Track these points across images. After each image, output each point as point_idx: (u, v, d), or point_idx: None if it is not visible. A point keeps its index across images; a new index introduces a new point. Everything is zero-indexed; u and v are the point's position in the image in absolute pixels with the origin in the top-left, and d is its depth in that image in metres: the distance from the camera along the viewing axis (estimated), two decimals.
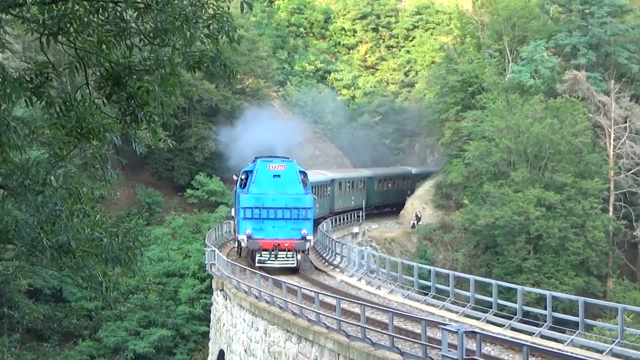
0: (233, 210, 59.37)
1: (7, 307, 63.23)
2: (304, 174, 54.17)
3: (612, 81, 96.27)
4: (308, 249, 51.07)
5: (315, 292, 36.31)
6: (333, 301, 34.57)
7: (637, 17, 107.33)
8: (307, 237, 40.20)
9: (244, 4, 15.20)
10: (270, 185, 38.59)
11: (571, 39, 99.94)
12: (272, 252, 37.12)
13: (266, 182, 38.31)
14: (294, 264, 38.77)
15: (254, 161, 48.61)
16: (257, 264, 37.89)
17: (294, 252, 39.47)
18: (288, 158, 50.00)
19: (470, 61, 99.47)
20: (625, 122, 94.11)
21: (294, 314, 36.37)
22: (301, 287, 37.82)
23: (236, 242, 52.43)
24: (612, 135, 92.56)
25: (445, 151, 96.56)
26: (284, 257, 37.87)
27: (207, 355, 58.92)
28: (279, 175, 38.69)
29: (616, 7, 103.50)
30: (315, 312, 34.20)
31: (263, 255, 38.23)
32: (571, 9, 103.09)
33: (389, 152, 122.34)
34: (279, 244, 37.60)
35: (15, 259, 21.03)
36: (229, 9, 13.51)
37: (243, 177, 48.51)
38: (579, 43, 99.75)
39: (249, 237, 37.26)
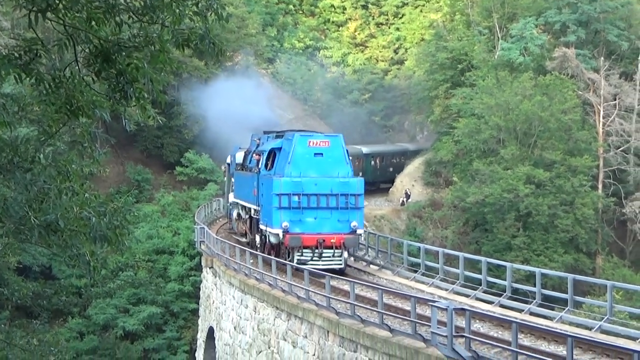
0: (227, 190, 54.94)
1: None
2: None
3: (602, 58, 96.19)
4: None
5: (304, 269, 36.33)
6: (322, 279, 34.54)
7: None
8: (358, 231, 33.28)
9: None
10: (311, 167, 30.63)
11: (561, 16, 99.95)
12: (316, 250, 30.78)
13: (306, 162, 30.41)
14: (341, 264, 32.18)
15: (282, 136, 39.73)
16: (295, 264, 31.45)
17: (342, 250, 32.05)
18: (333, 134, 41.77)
19: (460, 38, 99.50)
20: (615, 100, 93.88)
21: (283, 291, 36.38)
22: (291, 265, 37.81)
23: (257, 236, 41.29)
24: (602, 113, 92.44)
25: (435, 128, 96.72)
26: (329, 257, 31.45)
27: (197, 332, 58.96)
28: (322, 154, 30.72)
29: None
30: (305, 289, 34.24)
31: (304, 254, 31.29)
32: None
33: (379, 129, 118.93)
34: (324, 240, 30.49)
35: (4, 236, 21.07)
36: None
37: (266, 155, 39.48)
38: (568, 20, 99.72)
39: (286, 232, 30.02)
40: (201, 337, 55.80)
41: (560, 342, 24.06)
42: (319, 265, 30.49)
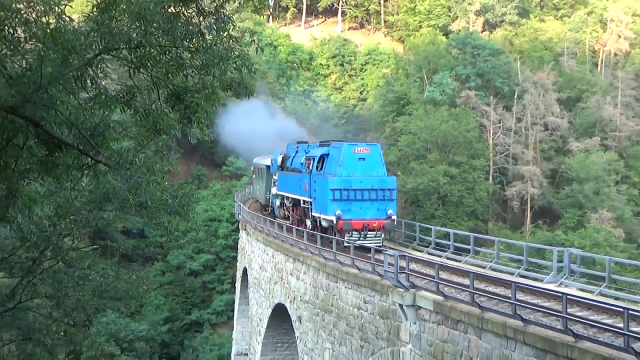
0: (267, 185, 48.13)
1: (109, 240, 63.14)
2: None
3: (491, 97, 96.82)
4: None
5: (303, 230, 36.43)
6: (314, 237, 34.58)
7: (507, 56, 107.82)
8: (393, 217, 32.04)
9: (258, 48, 15.31)
10: (356, 168, 29.76)
11: (465, 70, 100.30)
12: (362, 232, 29.53)
13: (352, 164, 29.53)
14: (379, 242, 30.46)
15: (327, 145, 36.15)
16: (345, 244, 29.42)
17: (381, 232, 31.13)
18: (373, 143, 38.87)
19: (402, 84, 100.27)
20: (499, 123, 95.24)
21: (290, 244, 36.38)
22: (295, 227, 37.91)
23: (308, 220, 37.24)
24: (491, 132, 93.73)
25: (386, 142, 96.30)
26: (372, 237, 30.15)
27: (236, 270, 58.49)
28: (364, 158, 30.05)
29: (493, 50, 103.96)
30: (305, 243, 34.25)
31: (353, 235, 29.84)
32: (465, 50, 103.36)
33: None
34: (368, 224, 29.63)
35: (114, 210, 21.00)
36: (248, 51, 13.53)
37: (317, 159, 35.37)
38: (470, 73, 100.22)
39: (339, 218, 29.00)
40: (239, 273, 55.57)
41: (465, 276, 24.01)
42: (364, 243, 27.88)
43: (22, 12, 11.79)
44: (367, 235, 29.06)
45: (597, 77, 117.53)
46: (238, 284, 55.08)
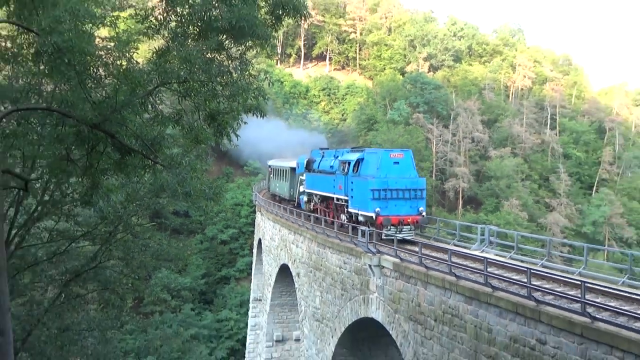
0: (292, 183, 42.41)
1: (163, 219, 62.66)
2: None
3: (434, 119, 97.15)
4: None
5: (301, 211, 36.47)
6: (309, 218, 34.57)
7: (445, 89, 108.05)
8: (423, 213, 28.67)
9: (269, 83, 15.36)
10: (392, 171, 26.97)
11: (416, 99, 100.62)
12: (398, 227, 26.52)
13: (389, 168, 26.82)
14: (412, 235, 27.68)
15: (360, 150, 31.29)
16: (384, 237, 26.15)
17: (414, 226, 27.66)
18: (406, 149, 32.60)
19: (371, 109, 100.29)
20: (440, 137, 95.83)
21: (292, 222, 36.33)
22: (294, 209, 37.91)
23: (343, 215, 31.89)
24: (434, 143, 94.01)
25: None
26: (407, 231, 27.25)
27: (253, 240, 58.38)
28: (398, 162, 27.32)
29: (436, 85, 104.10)
30: (302, 221, 34.22)
31: (391, 229, 26.57)
32: (416, 85, 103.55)
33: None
34: (403, 220, 26.65)
35: (167, 197, 20.96)
36: (262, 85, 13.51)
37: (353, 163, 30.28)
38: (419, 101, 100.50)
39: (378, 215, 25.80)
40: (255, 242, 55.42)
41: (416, 245, 24.12)
42: (398, 236, 24.96)
43: (103, 57, 11.78)
44: (402, 230, 26.06)
45: (509, 105, 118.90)
46: (255, 250, 55.00)
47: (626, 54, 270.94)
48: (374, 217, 25.17)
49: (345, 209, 28.59)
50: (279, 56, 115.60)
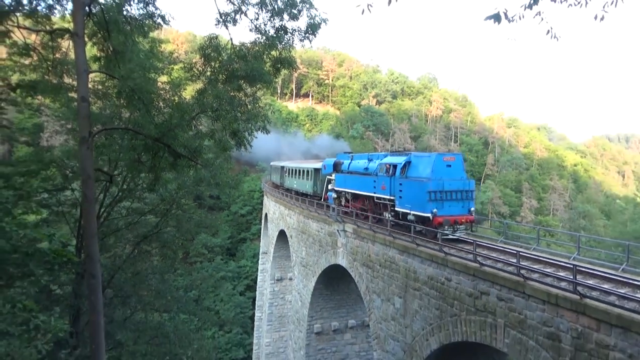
0: (317, 182, 34.84)
1: (202, 200, 61.80)
2: None
3: (379, 135, 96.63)
4: None
5: (293, 194, 36.44)
6: (304, 202, 34.46)
7: (386, 116, 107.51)
8: (473, 213, 21.66)
9: (271, 112, 15.27)
10: (445, 173, 20.87)
11: (367, 122, 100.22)
12: (454, 226, 20.31)
13: (442, 170, 20.82)
14: (463, 234, 20.81)
15: (405, 154, 23.42)
16: (439, 236, 18.48)
17: (467, 225, 21.04)
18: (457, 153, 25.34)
19: (339, 129, 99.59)
20: (383, 147, 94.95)
21: (288, 202, 36.20)
22: (291, 194, 37.85)
23: (386, 213, 23.35)
24: (379, 151, 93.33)
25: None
26: (460, 230, 20.72)
27: (262, 214, 58.36)
28: (450, 165, 21.20)
29: (380, 113, 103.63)
30: (294, 202, 34.08)
31: (446, 229, 20.11)
32: (367, 113, 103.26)
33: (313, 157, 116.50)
34: (457, 220, 20.31)
35: (204, 185, 20.78)
36: (267, 113, 13.44)
37: (401, 165, 22.83)
38: (369, 124, 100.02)
39: (434, 215, 19.65)
40: (263, 215, 55.24)
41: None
42: (455, 236, 19.53)
43: (162, 94, 11.71)
44: (458, 229, 20.14)
45: (427, 127, 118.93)
46: (263, 220, 54.82)
47: (503, 92, 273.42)
48: (430, 217, 19.39)
49: (390, 208, 22.33)
50: (279, 94, 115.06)
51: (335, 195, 28.89)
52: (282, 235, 39.82)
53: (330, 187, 30.11)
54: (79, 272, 15.10)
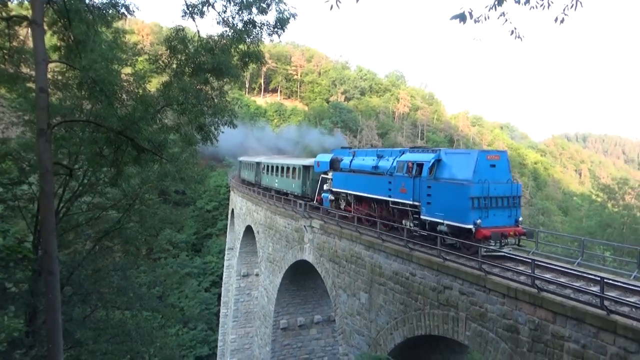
0: (299, 181, 30.30)
1: (167, 195, 60.63)
2: None
3: (348, 131, 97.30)
4: None
5: (259, 190, 36.32)
6: (271, 197, 34.34)
7: (354, 112, 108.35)
8: (521, 224, 17.11)
9: (239, 106, 15.11)
10: (489, 175, 16.13)
11: (336, 119, 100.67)
12: (502, 240, 15.78)
13: (485, 171, 16.00)
14: (510, 248, 16.45)
15: (432, 151, 18.48)
16: (484, 252, 14.44)
17: (515, 239, 15.97)
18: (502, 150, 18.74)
19: (307, 125, 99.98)
20: (351, 143, 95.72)
21: (254, 198, 35.99)
22: (256, 189, 37.66)
23: (406, 221, 18.66)
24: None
25: (298, 153, 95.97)
26: (510, 244, 16.48)
27: (229, 209, 57.83)
28: (495, 165, 16.40)
29: (349, 110, 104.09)
30: (261, 197, 33.91)
31: (493, 244, 15.77)
32: (336, 109, 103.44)
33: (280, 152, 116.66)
34: (506, 233, 15.60)
35: (170, 180, 20.39)
36: (235, 108, 13.29)
37: (429, 165, 17.70)
38: (338, 120, 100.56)
39: (478, 227, 15.11)
40: (229, 211, 54.75)
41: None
42: (502, 252, 15.27)
43: (125, 86, 11.45)
44: (506, 243, 15.80)
45: (395, 124, 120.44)
46: (229, 216, 54.35)
47: (468, 90, 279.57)
48: (472, 229, 15.11)
49: (412, 215, 17.92)
50: (247, 88, 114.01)
51: (333, 197, 24.85)
52: (248, 231, 39.57)
53: (325, 187, 25.88)
54: (35, 269, 14.61)
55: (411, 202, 17.82)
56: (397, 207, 18.94)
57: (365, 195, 21.36)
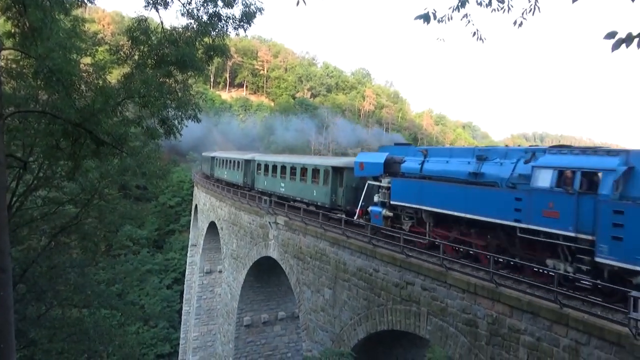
0: (328, 188, 22.81)
1: (128, 190, 59.05)
2: None
3: (314, 128, 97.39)
4: None
5: (224, 186, 35.82)
6: (228, 189, 34.01)
7: (320, 109, 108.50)
8: None
9: (203, 100, 14.86)
10: None
11: (302, 115, 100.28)
12: None
13: None
14: None
15: (614, 153, 11.07)
16: None
17: None
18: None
19: (273, 120, 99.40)
20: (317, 139, 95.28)
21: (219, 194, 35.55)
22: (221, 185, 37.22)
23: (556, 261, 11.65)
24: (313, 143, 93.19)
25: (264, 148, 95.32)
26: None
27: (192, 205, 56.89)
28: None
29: (314, 106, 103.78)
30: (225, 193, 33.57)
31: None
32: (301, 105, 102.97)
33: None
34: None
35: (130, 175, 19.91)
36: (199, 101, 13.07)
37: (620, 176, 10.40)
38: (304, 117, 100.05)
39: None
40: (193, 207, 53.87)
41: (299, 210, 24.07)
42: None
43: (84, 77, 11.11)
44: None
45: (360, 121, 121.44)
46: (193, 212, 53.52)
47: (432, 89, 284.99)
48: None
49: (569, 253, 11.60)
50: (212, 82, 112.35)
51: (390, 214, 17.84)
52: (212, 227, 39.09)
53: (376, 198, 18.81)
54: None
55: (571, 234, 11.33)
56: (536, 239, 12.21)
57: (458, 214, 14.64)
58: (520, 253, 13.01)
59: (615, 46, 3.90)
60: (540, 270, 12.06)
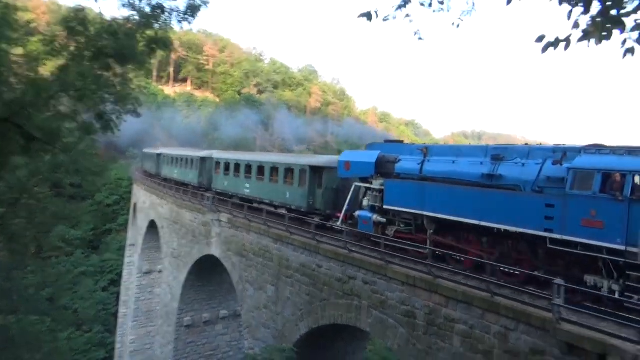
0: (305, 189, 20.35)
1: (61, 188, 56.19)
2: None
3: (260, 125, 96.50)
4: None
5: (162, 184, 34.96)
6: (171, 185, 33.24)
7: (266, 106, 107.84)
8: None
9: (145, 94, 14.50)
10: None
11: (249, 111, 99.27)
12: None
13: None
14: None
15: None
16: None
17: None
18: None
19: (218, 117, 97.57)
20: (262, 136, 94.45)
21: (159, 192, 34.69)
22: (160, 183, 36.27)
23: (592, 277, 10.19)
24: (258, 140, 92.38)
25: (208, 144, 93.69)
26: None
27: (131, 203, 55.00)
28: None
29: (261, 103, 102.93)
30: (167, 190, 32.81)
31: None
32: (248, 102, 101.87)
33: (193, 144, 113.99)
34: None
35: (63, 172, 19.11)
36: (139, 95, 12.80)
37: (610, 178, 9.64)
38: (250, 113, 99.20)
39: None
40: (132, 205, 52.21)
41: (242, 207, 24.00)
42: None
43: (14, 68, 10.65)
44: None
45: (306, 118, 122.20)
46: (131, 210, 51.91)
47: (377, 87, 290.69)
48: None
49: (614, 269, 10.08)
50: (155, 77, 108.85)
51: (384, 220, 16.04)
52: (152, 226, 38.06)
53: (366, 202, 17.06)
54: None
55: (619, 247, 9.77)
56: (573, 252, 10.67)
57: (469, 222, 12.91)
58: (545, 266, 11.59)
59: (544, 49, 4.37)
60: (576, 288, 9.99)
